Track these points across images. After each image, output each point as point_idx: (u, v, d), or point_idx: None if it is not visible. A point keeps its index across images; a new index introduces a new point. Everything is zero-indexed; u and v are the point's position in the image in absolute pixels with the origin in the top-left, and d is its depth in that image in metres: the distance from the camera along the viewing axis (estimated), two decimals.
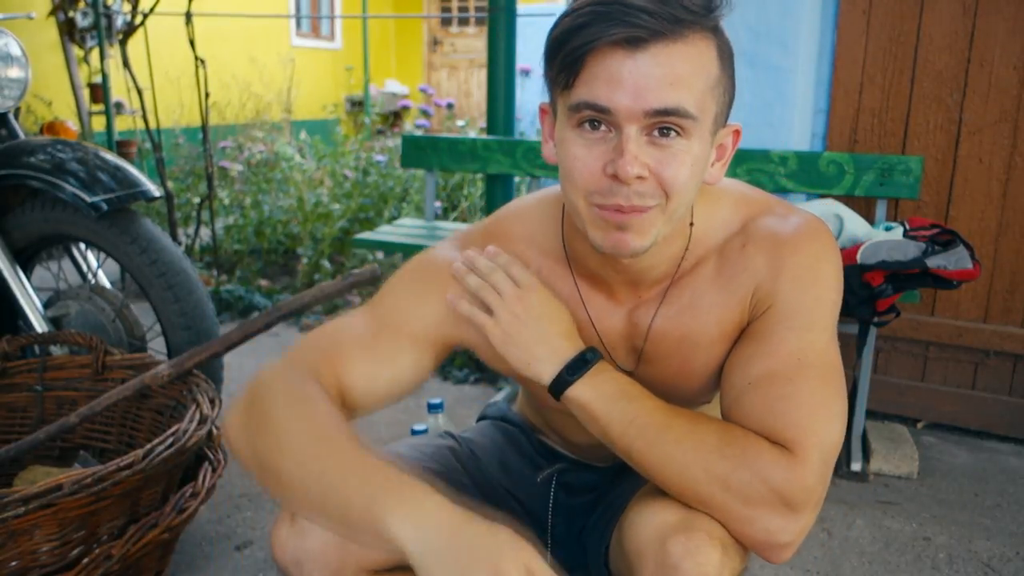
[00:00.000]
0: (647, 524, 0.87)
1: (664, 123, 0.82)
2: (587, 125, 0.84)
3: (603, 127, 0.84)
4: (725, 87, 0.87)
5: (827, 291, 0.94)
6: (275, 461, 0.88)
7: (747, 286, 0.95)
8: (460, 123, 5.29)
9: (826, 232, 0.97)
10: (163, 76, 4.48)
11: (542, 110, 0.95)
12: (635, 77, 0.80)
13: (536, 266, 1.03)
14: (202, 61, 3.75)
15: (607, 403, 0.91)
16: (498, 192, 3.03)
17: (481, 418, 1.38)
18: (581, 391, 0.93)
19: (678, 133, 0.83)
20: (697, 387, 1.04)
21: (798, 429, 0.87)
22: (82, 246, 2.24)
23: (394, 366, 1.01)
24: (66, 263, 2.32)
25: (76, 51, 5.56)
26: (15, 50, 2.15)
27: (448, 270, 1.03)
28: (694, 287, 0.98)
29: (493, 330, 0.97)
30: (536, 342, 0.95)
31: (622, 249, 0.87)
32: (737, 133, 0.95)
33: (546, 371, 0.95)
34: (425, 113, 5.32)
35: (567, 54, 0.83)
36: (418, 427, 2.12)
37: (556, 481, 1.22)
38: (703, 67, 0.83)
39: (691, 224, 0.97)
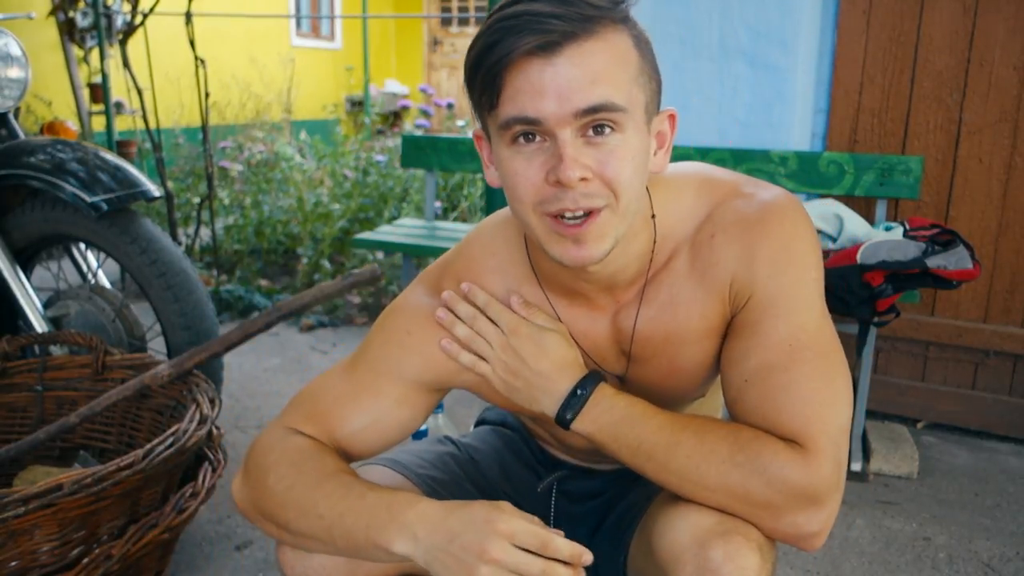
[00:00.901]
0: (682, 530, 0.86)
1: (596, 120, 0.82)
2: (521, 139, 0.84)
3: (537, 138, 0.83)
4: (649, 74, 0.87)
5: (805, 269, 0.92)
6: (280, 515, 0.96)
7: (722, 278, 0.94)
8: (460, 123, 5.29)
9: (795, 208, 0.94)
10: (163, 76, 4.48)
11: (476, 137, 0.95)
12: (557, 82, 0.80)
13: (507, 294, 1.02)
14: (202, 61, 3.75)
15: (610, 432, 0.91)
16: (498, 192, 3.03)
17: (480, 422, 1.38)
18: (582, 426, 0.93)
19: (612, 128, 0.83)
20: (689, 383, 1.04)
21: (803, 420, 0.86)
22: (82, 246, 2.24)
23: (387, 415, 1.03)
24: (66, 263, 2.32)
25: (76, 51, 5.56)
26: (15, 50, 2.15)
27: (423, 315, 1.02)
28: (670, 283, 0.97)
29: (493, 377, 0.99)
30: (533, 385, 0.96)
31: (584, 259, 0.86)
32: (672, 118, 0.93)
33: (548, 410, 0.96)
34: (425, 113, 5.33)
35: (485, 74, 0.82)
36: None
37: (556, 490, 1.22)
38: (622, 59, 0.83)
39: (652, 216, 0.96)
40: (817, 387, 0.88)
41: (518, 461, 1.26)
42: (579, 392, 0.94)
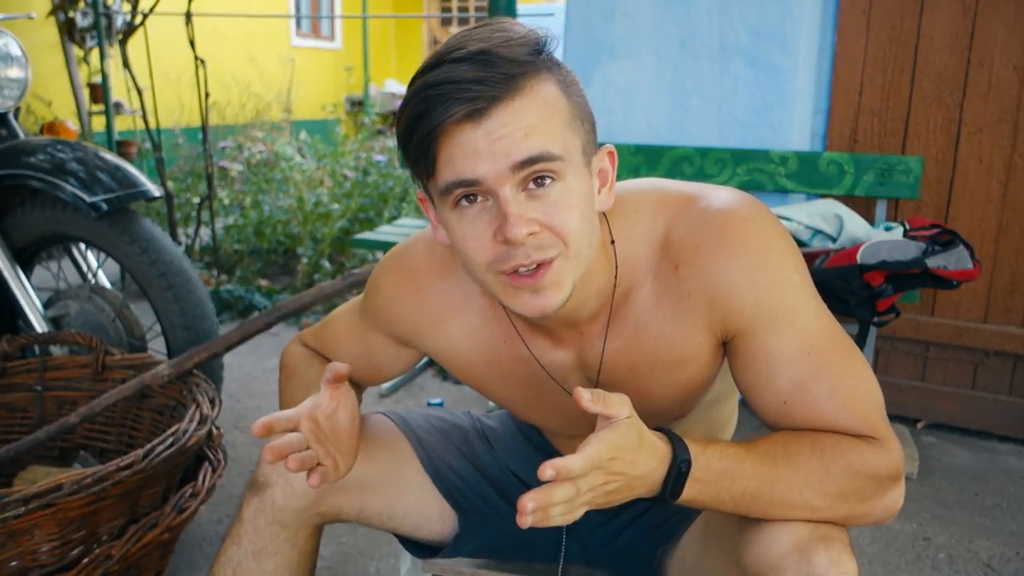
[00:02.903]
0: (780, 538, 0.86)
1: (535, 172, 0.81)
2: (463, 201, 0.84)
3: (479, 198, 0.83)
4: (581, 117, 0.86)
5: (788, 274, 0.90)
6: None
7: (700, 308, 0.92)
8: None
9: (752, 212, 0.91)
10: (163, 76, 4.48)
11: (420, 199, 0.95)
12: (489, 142, 0.80)
13: (476, 300, 1.02)
14: (202, 61, 3.76)
15: (713, 494, 0.88)
16: None
17: None
18: (688, 497, 0.87)
19: (552, 178, 0.82)
20: (663, 408, 1.02)
21: (860, 417, 0.89)
22: (82, 246, 2.24)
23: (376, 359, 1.14)
24: (66, 263, 2.32)
25: (76, 51, 5.56)
26: (15, 50, 2.15)
27: (425, 266, 1.06)
28: (636, 316, 0.95)
29: (591, 507, 0.85)
30: (632, 488, 0.86)
31: (544, 308, 0.86)
32: (612, 154, 0.92)
33: (651, 494, 0.87)
34: None
35: (418, 145, 0.83)
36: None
37: None
38: (551, 108, 0.82)
39: (612, 243, 0.94)
40: (853, 382, 0.90)
41: (533, 448, 1.26)
42: (683, 469, 0.85)
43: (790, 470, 0.87)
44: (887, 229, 2.22)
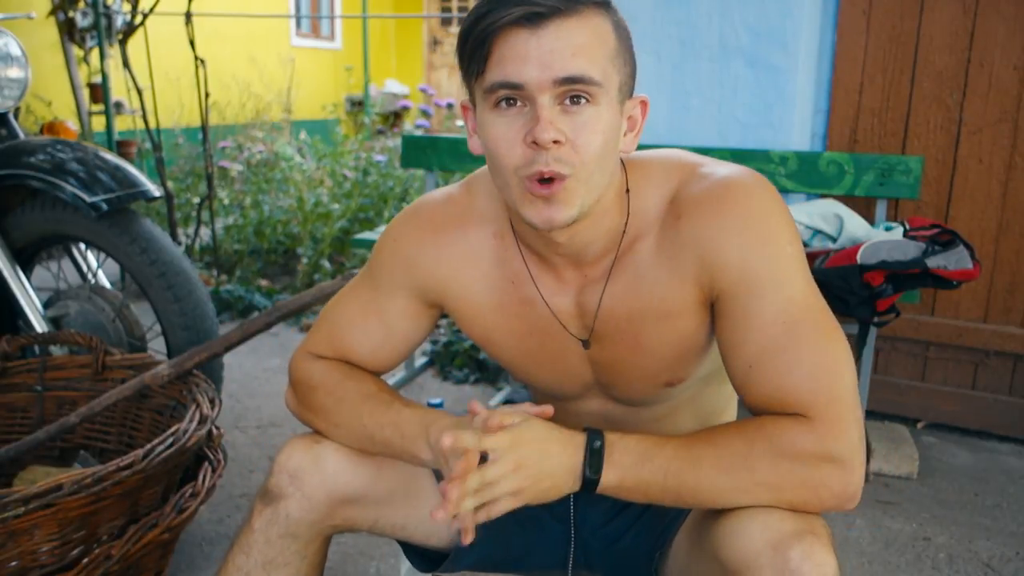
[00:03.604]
0: (753, 533, 0.86)
1: (573, 91, 0.87)
2: (503, 104, 0.89)
3: (518, 103, 0.89)
4: (625, 59, 0.92)
5: (780, 244, 0.93)
6: (328, 421, 1.11)
7: (691, 261, 0.96)
8: (460, 123, 5.29)
9: (758, 184, 0.96)
10: (163, 76, 4.48)
11: (463, 107, 1.00)
12: (540, 51, 0.86)
13: (488, 245, 1.07)
14: (202, 61, 3.76)
15: (635, 476, 0.90)
16: None
17: (506, 402, 1.39)
18: (608, 480, 0.91)
19: (587, 100, 0.88)
20: (654, 363, 1.04)
21: (810, 394, 0.88)
22: (82, 246, 2.24)
23: (393, 331, 1.13)
24: (66, 263, 2.32)
25: (76, 51, 5.55)
26: (15, 50, 2.15)
27: (441, 216, 1.09)
28: (636, 264, 1.00)
29: (510, 503, 0.90)
30: (546, 476, 0.90)
31: (553, 221, 0.91)
32: (644, 104, 0.98)
33: (569, 487, 0.92)
34: (425, 113, 5.33)
35: (474, 42, 0.88)
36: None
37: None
38: (600, 39, 0.89)
39: (627, 191, 1.00)
40: (818, 359, 0.90)
41: None
42: (596, 445, 0.91)
43: (712, 449, 0.89)
44: (887, 229, 2.22)
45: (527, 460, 0.88)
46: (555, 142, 0.87)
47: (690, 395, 1.12)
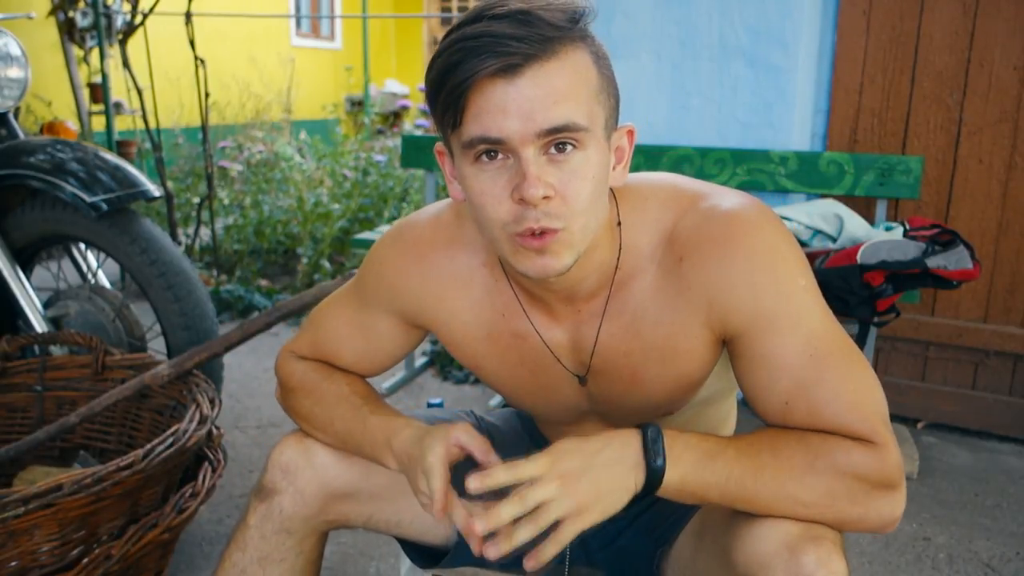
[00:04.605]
0: (769, 537, 0.85)
1: (558, 139, 0.83)
2: (484, 157, 0.84)
3: (500, 156, 0.84)
4: (609, 92, 0.88)
5: (791, 278, 0.90)
6: (308, 424, 1.13)
7: (698, 303, 0.92)
8: None
9: (761, 216, 0.92)
10: (163, 76, 4.48)
11: (438, 152, 0.95)
12: (519, 102, 0.81)
13: (478, 273, 1.03)
14: (202, 61, 3.76)
15: (698, 475, 0.86)
16: None
17: (505, 404, 1.38)
18: (673, 475, 0.86)
19: (574, 146, 0.84)
20: (654, 398, 1.02)
21: (861, 420, 0.87)
22: (82, 246, 2.24)
23: (377, 347, 1.13)
24: (66, 263, 2.32)
25: (76, 51, 5.55)
26: (15, 50, 2.15)
27: (429, 238, 1.05)
28: (635, 302, 0.96)
29: (578, 522, 0.85)
30: (603, 480, 0.85)
31: (548, 270, 0.87)
32: (631, 133, 0.94)
33: (639, 483, 0.86)
34: (425, 113, 5.32)
35: (448, 94, 0.83)
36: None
37: None
38: (582, 78, 0.84)
39: (619, 224, 0.96)
40: (855, 385, 0.89)
41: (533, 443, 1.26)
42: (648, 433, 0.86)
43: (775, 459, 0.86)
44: (887, 229, 2.22)
45: (571, 471, 0.83)
46: (544, 197, 0.83)
47: (687, 417, 1.11)
